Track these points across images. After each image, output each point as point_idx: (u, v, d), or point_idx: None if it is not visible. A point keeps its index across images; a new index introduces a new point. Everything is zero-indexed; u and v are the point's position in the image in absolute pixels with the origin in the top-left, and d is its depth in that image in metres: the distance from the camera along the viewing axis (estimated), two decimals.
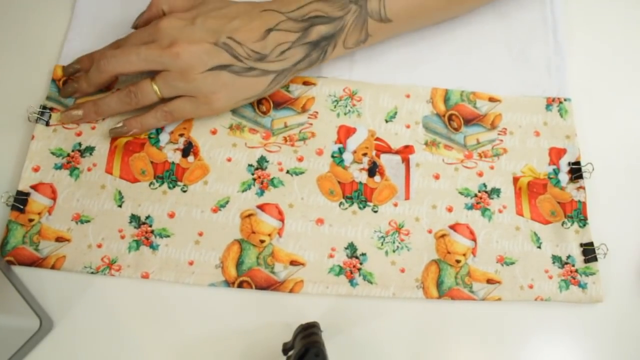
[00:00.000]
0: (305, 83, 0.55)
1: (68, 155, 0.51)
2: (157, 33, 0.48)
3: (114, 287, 0.48)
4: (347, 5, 0.50)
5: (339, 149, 0.53)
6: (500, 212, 0.53)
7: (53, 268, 0.47)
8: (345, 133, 0.54)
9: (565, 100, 0.57)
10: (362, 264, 0.50)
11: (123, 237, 0.49)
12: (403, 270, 0.50)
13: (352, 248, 0.50)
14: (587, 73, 0.59)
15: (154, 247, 0.49)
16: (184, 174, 0.51)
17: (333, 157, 0.53)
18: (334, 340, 0.47)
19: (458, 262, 0.50)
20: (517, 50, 0.59)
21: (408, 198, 0.52)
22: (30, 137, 0.51)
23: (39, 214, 0.49)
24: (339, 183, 0.52)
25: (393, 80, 0.56)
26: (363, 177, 0.52)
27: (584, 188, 0.54)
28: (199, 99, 0.49)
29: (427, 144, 0.54)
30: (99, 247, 0.48)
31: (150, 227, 0.49)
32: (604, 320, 0.50)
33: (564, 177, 0.54)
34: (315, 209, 0.51)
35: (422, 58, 0.58)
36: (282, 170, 0.52)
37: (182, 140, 0.52)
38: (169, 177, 0.51)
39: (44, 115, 0.51)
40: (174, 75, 0.47)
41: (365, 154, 0.53)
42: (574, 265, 0.51)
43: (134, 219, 0.49)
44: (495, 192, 0.53)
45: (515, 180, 0.54)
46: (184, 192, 0.51)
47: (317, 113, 0.54)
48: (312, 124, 0.54)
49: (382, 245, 0.50)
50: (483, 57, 0.58)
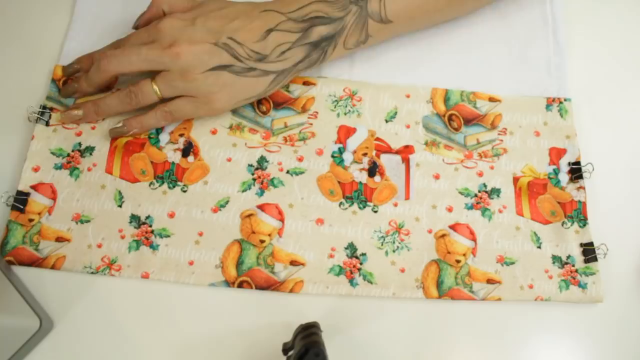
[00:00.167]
0: (305, 83, 0.55)
1: (68, 155, 0.51)
2: (157, 33, 0.48)
3: (114, 287, 0.48)
4: (347, 6, 0.50)
5: (339, 149, 0.53)
6: (500, 212, 0.53)
7: (53, 268, 0.47)
8: (346, 133, 0.54)
9: (565, 100, 0.57)
10: (362, 264, 0.50)
11: (123, 237, 0.49)
12: (403, 270, 0.50)
13: (352, 248, 0.50)
14: (587, 73, 0.59)
15: (154, 247, 0.49)
16: (184, 174, 0.51)
17: (333, 157, 0.53)
18: (334, 340, 0.47)
19: (458, 262, 0.50)
20: (517, 50, 0.59)
21: (408, 198, 0.52)
22: (30, 137, 0.51)
23: (39, 214, 0.49)
24: (339, 183, 0.52)
25: (393, 80, 0.56)
26: (363, 177, 0.52)
27: (584, 188, 0.54)
28: (200, 99, 0.49)
29: (427, 144, 0.54)
30: (99, 247, 0.48)
31: (150, 227, 0.49)
32: (604, 320, 0.50)
33: (564, 177, 0.54)
34: (315, 209, 0.51)
35: (422, 58, 0.58)
36: (282, 170, 0.52)
37: (182, 140, 0.52)
38: (169, 177, 0.51)
39: (44, 115, 0.51)
40: (174, 76, 0.47)
41: (366, 154, 0.53)
42: (574, 265, 0.51)
43: (134, 219, 0.49)
44: (495, 192, 0.53)
45: (515, 180, 0.54)
46: (184, 192, 0.51)
47: (317, 113, 0.54)
48: (312, 124, 0.54)
49: (382, 245, 0.50)
50: (483, 57, 0.58)
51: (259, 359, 0.46)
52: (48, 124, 0.51)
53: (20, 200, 0.48)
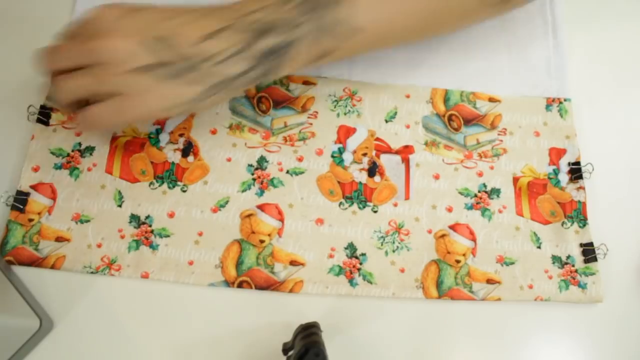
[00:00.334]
0: (305, 82, 0.55)
1: (68, 155, 0.51)
2: (92, 22, 0.43)
3: (114, 287, 0.48)
4: (301, 15, 0.44)
5: (339, 149, 0.53)
6: (500, 212, 0.53)
7: (53, 268, 0.47)
8: (345, 133, 0.54)
9: (565, 101, 0.57)
10: (361, 264, 0.50)
11: (123, 237, 0.49)
12: (403, 270, 0.50)
13: (351, 248, 0.50)
14: (587, 73, 0.59)
15: (154, 247, 0.49)
16: (184, 174, 0.51)
17: (333, 157, 0.53)
18: (334, 340, 0.47)
19: (458, 262, 0.50)
20: (517, 51, 0.59)
21: (408, 198, 0.52)
22: (30, 137, 0.51)
23: (39, 214, 0.49)
24: (339, 183, 0.52)
25: (393, 81, 0.56)
26: (363, 177, 0.52)
27: (584, 188, 0.54)
28: (120, 102, 0.43)
29: (427, 144, 0.54)
30: (99, 246, 0.48)
31: (150, 227, 0.49)
32: (604, 321, 0.50)
33: (564, 177, 0.54)
34: (315, 209, 0.51)
35: (422, 58, 0.58)
36: (282, 170, 0.52)
37: (182, 140, 0.52)
38: (169, 177, 0.51)
39: (44, 115, 0.51)
40: (101, 70, 0.42)
41: (365, 154, 0.53)
42: (574, 266, 0.51)
43: (134, 219, 0.49)
44: (495, 192, 0.53)
45: (515, 181, 0.54)
46: (184, 192, 0.51)
47: (317, 113, 0.54)
48: (312, 124, 0.54)
49: (381, 245, 0.50)
50: (483, 57, 0.58)
51: (259, 359, 0.46)
52: (48, 124, 0.51)
53: (20, 200, 0.48)
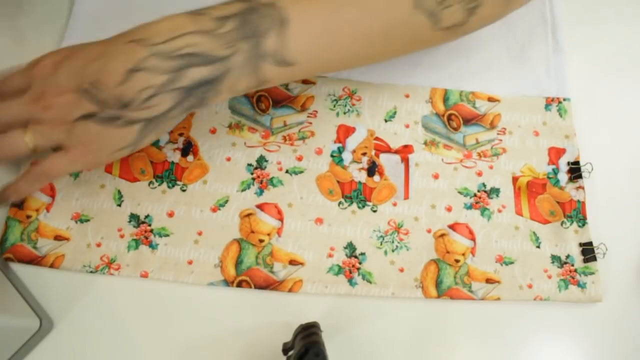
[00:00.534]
0: (305, 81, 0.55)
1: None
2: (31, 79, 0.42)
3: (114, 286, 0.48)
4: (235, 44, 0.40)
5: (338, 149, 0.53)
6: (500, 211, 0.53)
7: (52, 267, 0.47)
8: (345, 132, 0.54)
9: (565, 100, 0.57)
10: (361, 264, 0.50)
11: (122, 236, 0.49)
12: (402, 270, 0.50)
13: (351, 247, 0.50)
14: (586, 73, 0.59)
15: (153, 246, 0.49)
16: (183, 174, 0.51)
17: (332, 156, 0.53)
18: (334, 340, 0.47)
19: (457, 261, 0.50)
20: (516, 50, 0.59)
21: (407, 197, 0.52)
22: None
23: (37, 211, 0.49)
24: (338, 182, 0.52)
25: (392, 80, 0.56)
26: (362, 176, 0.52)
27: (583, 188, 0.54)
28: (72, 152, 0.43)
29: (426, 144, 0.54)
30: (98, 246, 0.48)
31: (150, 226, 0.49)
32: (603, 320, 0.50)
33: (563, 176, 0.54)
34: (315, 209, 0.51)
35: (421, 58, 0.58)
36: (281, 170, 0.52)
37: (181, 140, 0.52)
38: (169, 176, 0.51)
39: None
40: (45, 126, 0.42)
41: (365, 154, 0.53)
42: (573, 265, 0.51)
43: (133, 218, 0.49)
44: (495, 191, 0.53)
45: (515, 180, 0.54)
46: (184, 191, 0.50)
47: (316, 112, 0.54)
48: (311, 123, 0.54)
49: (381, 245, 0.50)
50: (482, 57, 0.58)
51: (259, 359, 0.46)
52: None
53: None
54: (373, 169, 0.53)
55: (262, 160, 0.52)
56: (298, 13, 0.41)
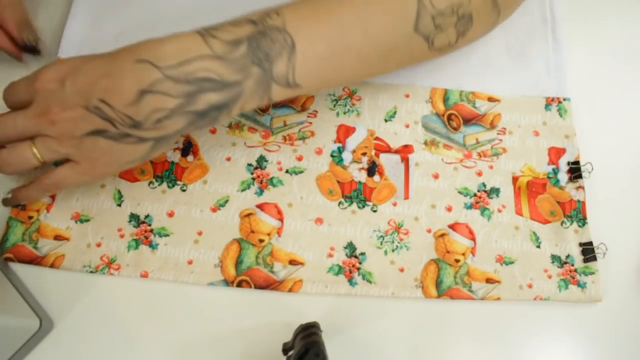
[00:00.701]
0: None
1: None
2: (34, 94, 0.42)
3: (114, 286, 0.48)
4: (247, 68, 0.41)
5: (338, 148, 0.53)
6: (500, 211, 0.53)
7: (52, 267, 0.47)
8: (345, 132, 0.54)
9: (565, 100, 0.57)
10: (361, 264, 0.50)
11: (122, 236, 0.49)
12: (402, 270, 0.50)
13: (351, 247, 0.50)
14: (586, 72, 0.59)
15: (153, 246, 0.49)
16: (183, 173, 0.51)
17: (332, 156, 0.53)
18: (334, 340, 0.47)
19: (457, 261, 0.50)
20: (516, 50, 0.59)
21: (407, 197, 0.52)
22: None
23: (38, 211, 0.49)
24: (338, 182, 0.52)
25: (392, 80, 0.56)
26: (362, 176, 0.52)
27: (583, 187, 0.54)
28: (82, 165, 0.43)
29: (426, 144, 0.54)
30: (98, 246, 0.48)
31: (150, 226, 0.49)
32: (603, 320, 0.50)
33: (563, 176, 0.54)
34: (315, 209, 0.51)
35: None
36: (281, 170, 0.52)
37: (181, 140, 0.52)
38: (169, 176, 0.51)
39: None
40: (53, 141, 0.42)
41: (365, 154, 0.53)
42: (573, 265, 0.51)
43: (133, 218, 0.49)
44: (495, 191, 0.53)
45: (515, 180, 0.54)
46: (183, 191, 0.50)
47: (316, 112, 0.54)
48: (311, 123, 0.54)
49: (381, 245, 0.50)
50: (482, 56, 0.58)
51: (259, 359, 0.46)
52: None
53: None
54: (373, 169, 0.53)
55: (262, 160, 0.52)
56: (305, 39, 0.42)
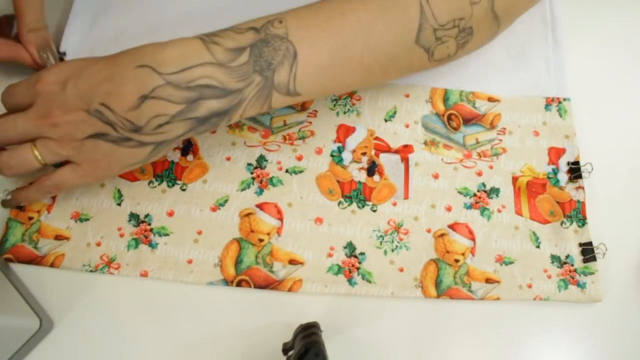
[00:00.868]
0: None
1: None
2: (36, 96, 0.42)
3: (113, 286, 0.48)
4: (249, 76, 0.41)
5: (338, 148, 0.53)
6: (499, 211, 0.53)
7: (52, 266, 0.47)
8: (345, 132, 0.54)
9: (565, 100, 0.57)
10: (360, 263, 0.50)
11: (122, 235, 0.49)
12: (402, 270, 0.50)
13: (350, 247, 0.50)
14: (586, 73, 0.59)
15: (153, 245, 0.49)
16: (183, 173, 0.51)
17: (332, 156, 0.53)
18: (334, 340, 0.47)
19: (457, 261, 0.50)
20: (516, 50, 0.59)
21: (407, 197, 0.52)
22: None
23: (38, 212, 0.49)
24: (338, 182, 0.52)
25: (392, 80, 0.56)
26: (362, 176, 0.52)
27: (583, 188, 0.54)
28: (83, 167, 0.43)
29: (426, 144, 0.54)
30: (98, 245, 0.48)
31: (149, 225, 0.49)
32: (603, 320, 0.50)
33: (563, 176, 0.54)
34: (314, 208, 0.51)
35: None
36: (281, 170, 0.52)
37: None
38: (168, 175, 0.51)
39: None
40: (54, 143, 0.42)
41: (365, 153, 0.53)
42: (573, 265, 0.51)
43: (133, 218, 0.49)
44: (495, 191, 0.53)
45: (515, 180, 0.54)
46: (183, 190, 0.50)
47: (316, 112, 0.54)
48: (311, 123, 0.54)
49: (381, 245, 0.50)
50: (482, 57, 0.58)
51: (259, 359, 0.46)
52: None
53: None
54: (373, 169, 0.53)
55: (262, 160, 0.52)
56: (308, 48, 0.43)
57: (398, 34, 0.45)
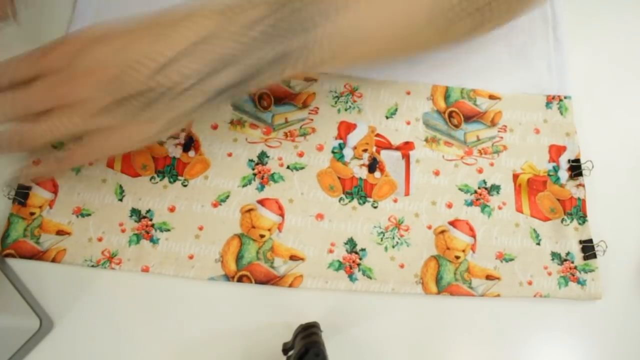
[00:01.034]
0: (307, 79, 0.55)
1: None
2: (46, 68, 0.41)
3: (114, 282, 0.48)
4: (264, 47, 0.41)
5: (339, 145, 0.53)
6: (500, 208, 0.53)
7: (53, 261, 0.47)
8: (346, 129, 0.54)
9: (565, 98, 0.57)
10: (361, 259, 0.50)
11: (123, 230, 0.49)
12: (402, 266, 0.50)
13: (351, 243, 0.50)
14: (587, 70, 0.59)
15: (154, 240, 0.49)
16: (185, 169, 0.51)
17: (333, 152, 0.53)
18: (334, 340, 0.47)
19: (457, 258, 0.51)
20: (517, 48, 0.59)
21: (408, 194, 0.52)
22: None
23: (40, 208, 0.49)
24: (339, 179, 0.52)
25: (394, 77, 0.56)
26: (363, 172, 0.52)
27: (584, 185, 0.54)
28: (96, 142, 0.43)
29: (427, 141, 0.54)
30: (100, 240, 0.48)
31: (151, 221, 0.49)
32: (603, 317, 0.50)
33: (564, 174, 0.54)
34: (315, 204, 0.51)
35: (422, 55, 0.58)
36: (282, 166, 0.52)
37: (183, 135, 0.52)
38: (170, 171, 0.51)
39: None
40: (67, 117, 0.41)
41: (366, 150, 0.53)
42: (573, 262, 0.51)
43: (135, 213, 0.49)
44: (495, 188, 0.53)
45: (515, 177, 0.54)
46: (185, 186, 0.51)
47: (317, 109, 0.54)
48: (312, 120, 0.54)
49: (381, 241, 0.51)
50: (483, 54, 0.58)
51: (259, 359, 0.46)
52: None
53: (22, 194, 0.49)
54: (374, 166, 0.53)
55: (263, 156, 0.52)
56: (330, 22, 0.42)
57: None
